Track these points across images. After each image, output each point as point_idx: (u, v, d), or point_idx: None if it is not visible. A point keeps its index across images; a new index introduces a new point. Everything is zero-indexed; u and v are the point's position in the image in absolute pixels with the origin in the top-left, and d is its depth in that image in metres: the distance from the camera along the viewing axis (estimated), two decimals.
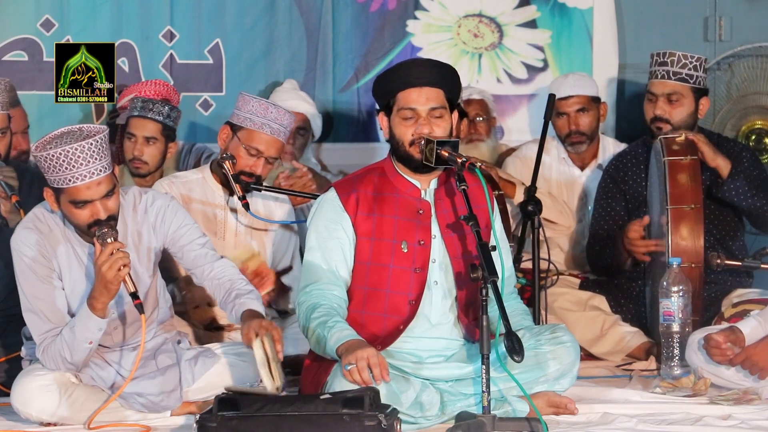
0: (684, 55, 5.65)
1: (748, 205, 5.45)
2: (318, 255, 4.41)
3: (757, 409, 4.44)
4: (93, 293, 4.27)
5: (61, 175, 4.21)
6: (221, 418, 3.90)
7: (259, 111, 5.09)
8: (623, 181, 5.75)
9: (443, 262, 4.43)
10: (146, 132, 5.61)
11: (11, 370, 4.80)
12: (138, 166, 5.62)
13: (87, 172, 4.21)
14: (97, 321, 4.29)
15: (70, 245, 4.42)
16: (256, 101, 5.11)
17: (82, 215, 4.28)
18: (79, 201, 4.25)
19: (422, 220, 4.43)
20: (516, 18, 6.85)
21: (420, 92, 4.38)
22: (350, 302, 4.41)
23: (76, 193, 4.24)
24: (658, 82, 5.67)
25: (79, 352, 4.33)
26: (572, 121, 6.05)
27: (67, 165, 4.19)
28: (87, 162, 4.20)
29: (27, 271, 4.38)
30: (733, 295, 5.47)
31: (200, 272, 4.57)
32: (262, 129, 5.08)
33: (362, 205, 4.41)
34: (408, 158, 4.41)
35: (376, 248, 4.40)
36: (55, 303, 4.38)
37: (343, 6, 6.66)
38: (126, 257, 4.22)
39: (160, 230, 4.52)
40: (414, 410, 4.20)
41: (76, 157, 4.19)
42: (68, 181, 4.22)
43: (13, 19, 6.27)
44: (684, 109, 5.64)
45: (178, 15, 6.46)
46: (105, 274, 4.20)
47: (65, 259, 4.41)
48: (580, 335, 5.44)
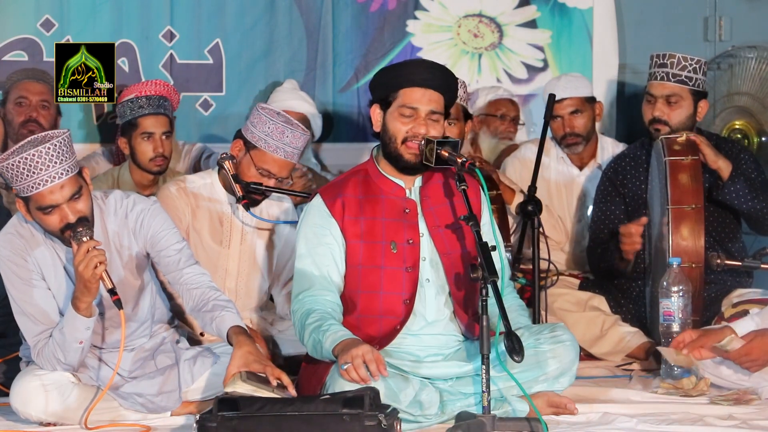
0: (684, 57, 5.64)
1: (747, 207, 5.44)
2: (309, 261, 4.40)
3: (757, 409, 4.45)
4: (75, 293, 4.27)
5: (24, 183, 4.20)
6: (221, 418, 3.90)
7: (275, 134, 4.98)
8: (622, 184, 5.75)
9: (433, 259, 4.44)
10: (162, 127, 5.60)
11: (10, 370, 4.80)
12: (161, 163, 5.61)
13: (47, 176, 4.19)
14: (83, 320, 4.29)
15: (53, 248, 4.41)
16: (272, 124, 4.98)
17: (52, 221, 4.26)
18: (45, 206, 4.24)
19: (409, 219, 4.43)
20: (516, 18, 6.85)
21: (424, 93, 4.38)
22: (345, 306, 4.41)
23: (41, 199, 4.22)
24: (657, 84, 5.65)
25: (72, 353, 4.34)
26: (566, 123, 6.04)
27: (28, 172, 4.17)
28: (46, 166, 4.18)
29: (12, 276, 4.38)
30: (733, 295, 5.47)
31: (173, 277, 4.53)
32: (276, 153, 4.99)
33: (348, 209, 4.41)
34: (397, 157, 4.41)
35: (366, 251, 4.40)
36: (42, 305, 4.38)
37: (343, 6, 6.66)
38: (101, 254, 4.21)
39: (139, 235, 4.50)
40: (413, 409, 4.20)
41: (34, 163, 4.17)
42: (31, 188, 4.20)
43: (13, 19, 6.27)
44: (683, 111, 5.62)
45: (178, 15, 6.45)
46: (82, 273, 4.19)
47: (50, 262, 4.41)
48: (580, 336, 5.44)
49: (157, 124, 5.58)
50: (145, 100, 5.60)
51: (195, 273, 4.50)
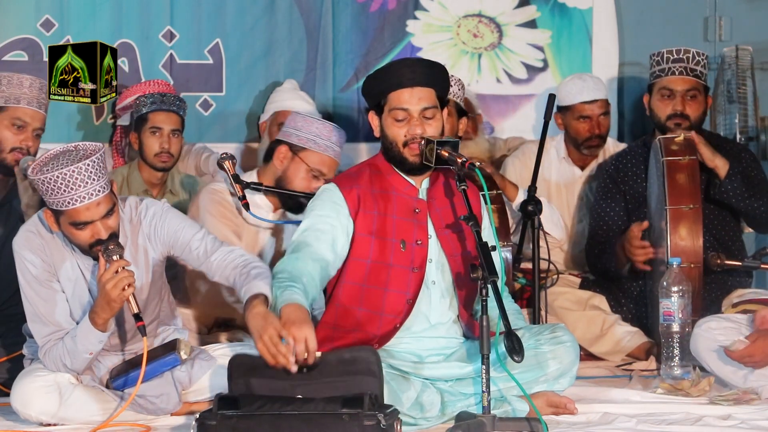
0: (697, 52, 5.64)
1: (744, 206, 5.44)
2: (308, 233, 4.33)
3: (757, 409, 4.44)
4: (95, 308, 4.27)
5: (59, 197, 4.18)
6: (221, 417, 3.89)
7: (323, 134, 5.04)
8: (623, 181, 5.75)
9: (439, 261, 4.44)
10: (172, 125, 5.62)
11: (13, 369, 4.80)
12: (166, 160, 5.62)
13: (86, 193, 4.18)
14: (97, 335, 4.30)
15: (73, 255, 4.40)
16: (320, 124, 5.06)
17: (83, 236, 4.26)
18: (79, 222, 4.23)
19: (419, 220, 4.43)
20: (516, 18, 6.85)
21: (412, 92, 4.37)
22: (345, 297, 4.38)
23: (76, 215, 4.21)
24: (677, 79, 5.63)
25: (79, 361, 4.35)
26: (595, 124, 6.02)
27: (65, 188, 4.16)
28: (85, 183, 4.17)
29: (28, 274, 4.38)
30: (733, 295, 5.47)
31: (206, 268, 4.46)
32: (326, 152, 5.05)
33: (363, 202, 4.39)
34: (401, 160, 4.40)
35: (377, 247, 4.38)
36: (57, 307, 4.38)
37: (343, 6, 6.66)
38: (131, 276, 4.21)
39: (156, 239, 4.48)
40: (414, 411, 4.20)
41: (74, 180, 4.15)
42: (67, 203, 4.18)
43: (13, 19, 6.27)
44: (700, 106, 5.65)
45: (178, 15, 6.46)
46: (109, 292, 4.19)
47: (69, 267, 4.40)
48: (580, 334, 5.45)
49: (167, 120, 5.60)
50: (159, 96, 5.63)
51: (223, 255, 4.42)
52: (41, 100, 5.18)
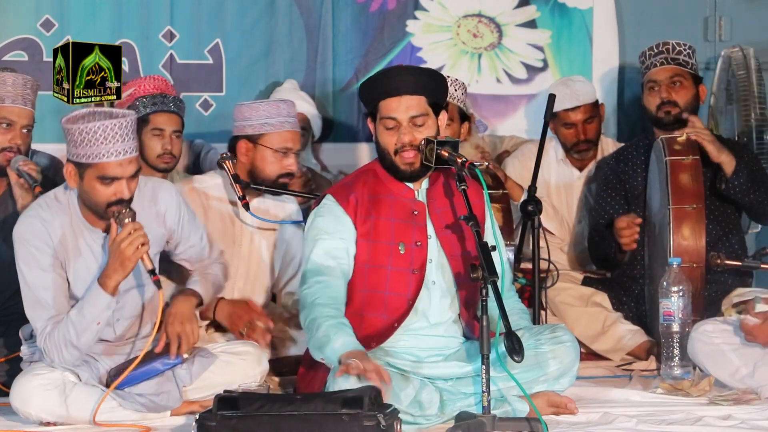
0: (677, 43, 5.72)
1: (750, 201, 5.47)
2: (321, 253, 4.39)
3: (757, 409, 4.45)
4: (106, 272, 4.31)
5: (94, 149, 4.23)
6: (220, 417, 3.90)
7: (272, 113, 5.04)
8: (624, 172, 5.76)
9: (439, 261, 4.44)
10: (173, 126, 5.61)
11: (11, 370, 4.80)
12: (168, 161, 5.61)
13: (122, 149, 4.25)
14: (106, 298, 4.32)
15: (79, 232, 4.42)
16: (265, 104, 5.07)
17: (106, 193, 4.29)
18: (107, 177, 4.27)
19: (418, 221, 4.44)
20: (516, 18, 6.85)
21: (399, 101, 4.38)
22: (349, 304, 4.40)
23: (108, 169, 4.26)
24: (659, 69, 5.70)
25: (87, 334, 4.35)
26: (581, 131, 6.04)
27: (103, 140, 4.22)
28: (123, 139, 4.24)
29: (29, 259, 4.39)
30: (733, 295, 5.47)
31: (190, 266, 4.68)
32: (283, 127, 5.04)
33: (360, 207, 4.42)
34: (394, 168, 4.42)
35: (373, 250, 4.40)
36: (58, 291, 4.39)
37: (343, 6, 6.66)
38: (145, 236, 4.28)
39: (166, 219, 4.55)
40: (413, 409, 4.20)
41: (113, 133, 4.22)
42: (101, 156, 4.24)
43: (13, 19, 6.27)
44: (687, 93, 5.67)
45: (178, 15, 6.46)
46: (125, 250, 4.25)
47: (72, 247, 4.41)
48: (581, 331, 5.46)
49: (169, 121, 5.60)
50: (160, 98, 5.62)
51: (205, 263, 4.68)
52: (26, 96, 5.17)
